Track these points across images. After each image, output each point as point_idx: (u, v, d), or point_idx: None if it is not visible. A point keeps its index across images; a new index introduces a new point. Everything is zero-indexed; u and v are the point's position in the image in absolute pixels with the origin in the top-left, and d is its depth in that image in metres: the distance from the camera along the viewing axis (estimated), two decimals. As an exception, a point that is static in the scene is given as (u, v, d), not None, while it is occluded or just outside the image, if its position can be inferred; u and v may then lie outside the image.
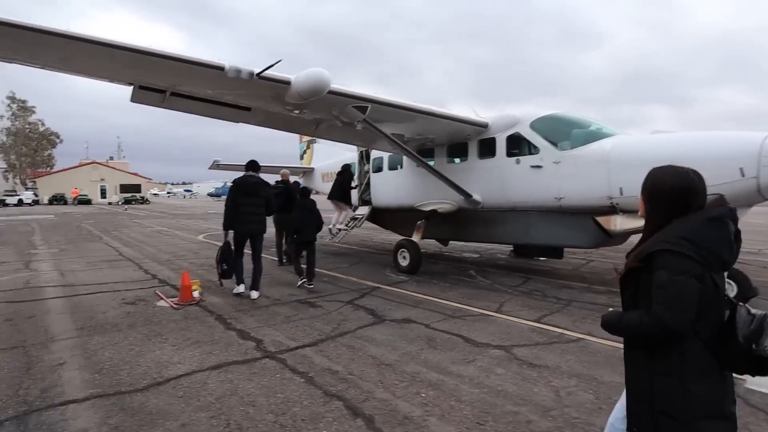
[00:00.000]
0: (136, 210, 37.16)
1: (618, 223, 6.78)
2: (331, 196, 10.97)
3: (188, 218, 25.90)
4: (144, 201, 56.01)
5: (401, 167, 10.07)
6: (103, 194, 59.03)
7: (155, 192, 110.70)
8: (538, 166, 7.40)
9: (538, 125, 7.59)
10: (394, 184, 10.16)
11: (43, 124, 61.04)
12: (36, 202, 48.39)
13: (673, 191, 1.60)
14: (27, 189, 54.74)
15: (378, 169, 10.91)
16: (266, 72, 5.53)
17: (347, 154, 13.13)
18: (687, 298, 1.47)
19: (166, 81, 5.75)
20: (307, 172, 14.88)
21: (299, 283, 6.99)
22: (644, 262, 1.57)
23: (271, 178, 11.35)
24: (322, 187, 13.83)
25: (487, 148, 8.26)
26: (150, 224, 20.73)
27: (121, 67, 5.31)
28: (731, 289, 3.64)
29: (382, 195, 10.62)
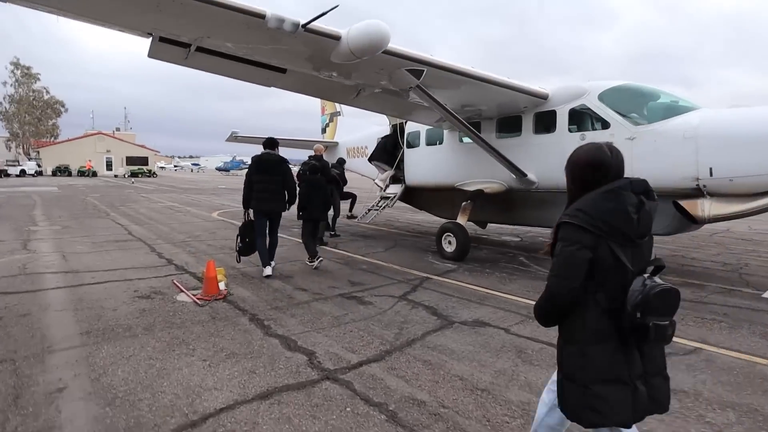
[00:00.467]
0: (143, 183, 36.37)
1: (707, 208, 5.81)
2: (373, 158, 10.01)
3: (199, 193, 25.06)
4: (151, 174, 55.16)
5: (440, 143, 9.03)
6: (109, 166, 58.16)
7: (162, 165, 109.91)
8: (612, 143, 6.35)
9: (608, 97, 6.50)
10: (432, 161, 9.14)
11: (47, 92, 59.69)
12: (39, 173, 47.66)
13: (585, 165, 1.68)
14: (30, 159, 53.90)
15: (412, 144, 9.87)
16: (314, 23, 4.47)
17: (374, 128, 12.07)
18: (572, 267, 1.57)
19: (191, 31, 4.69)
20: (331, 146, 13.81)
21: (315, 264, 6.57)
22: (556, 235, 1.65)
23: (291, 153, 10.23)
24: (348, 163, 12.82)
25: (546, 123, 7.20)
26: (159, 199, 19.90)
27: (140, 11, 4.25)
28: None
29: (417, 173, 9.61)
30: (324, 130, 15.48)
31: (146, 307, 4.65)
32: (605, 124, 6.42)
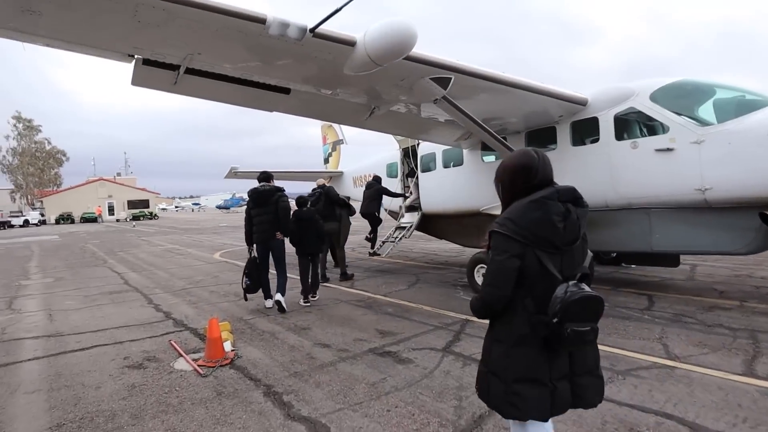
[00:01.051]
0: (145, 226, 35.77)
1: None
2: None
3: (200, 233, 24.31)
4: (153, 216, 54.83)
5: (460, 164, 8.29)
6: (111, 211, 57.92)
7: (163, 207, 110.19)
8: (668, 149, 5.56)
9: (662, 96, 5.76)
10: (452, 185, 8.37)
11: (49, 143, 60.36)
12: (43, 222, 47.28)
13: (513, 170, 1.75)
14: (34, 209, 53.72)
15: (427, 168, 9.14)
16: (324, 27, 3.79)
17: (381, 153, 11.40)
18: (502, 275, 1.63)
19: (179, 47, 4.01)
20: (335, 176, 13.15)
21: (303, 303, 6.35)
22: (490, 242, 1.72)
23: (296, 187, 9.51)
24: (354, 193, 12.07)
25: (587, 131, 6.46)
26: (160, 242, 19.13)
27: (117, 24, 3.58)
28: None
29: (434, 198, 8.83)
30: (327, 161, 14.89)
31: (137, 382, 3.73)
32: (661, 128, 5.66)
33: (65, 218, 48.98)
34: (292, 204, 6.58)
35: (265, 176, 6.27)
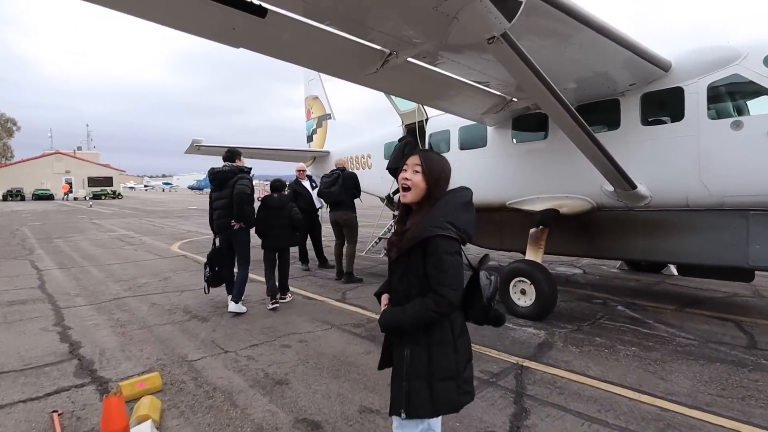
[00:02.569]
0: (104, 206, 32.63)
1: None
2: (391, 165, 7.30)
3: (164, 216, 21.85)
4: (116, 195, 50.99)
5: (482, 145, 6.59)
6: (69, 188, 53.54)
7: (131, 185, 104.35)
8: (791, 132, 4.03)
9: (783, 59, 4.21)
10: (470, 171, 6.66)
11: (-4, 111, 54.89)
12: (-13, 199, 43.01)
13: (449, 174, 1.85)
14: (-23, 184, 48.84)
15: (437, 149, 7.39)
16: None
17: (378, 131, 9.56)
18: (460, 276, 1.70)
19: None
20: (320, 157, 11.22)
21: (270, 306, 5.48)
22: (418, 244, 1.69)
23: (272, 167, 7.64)
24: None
25: (665, 106, 4.86)
26: (113, 226, 16.71)
27: None
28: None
29: (445, 187, 7.11)
30: (311, 138, 12.87)
31: None
32: (781, 104, 4.11)
33: (13, 194, 44.65)
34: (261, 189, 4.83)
35: (229, 155, 5.43)
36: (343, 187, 6.82)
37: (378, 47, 3.91)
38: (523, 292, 4.97)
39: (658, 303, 5.58)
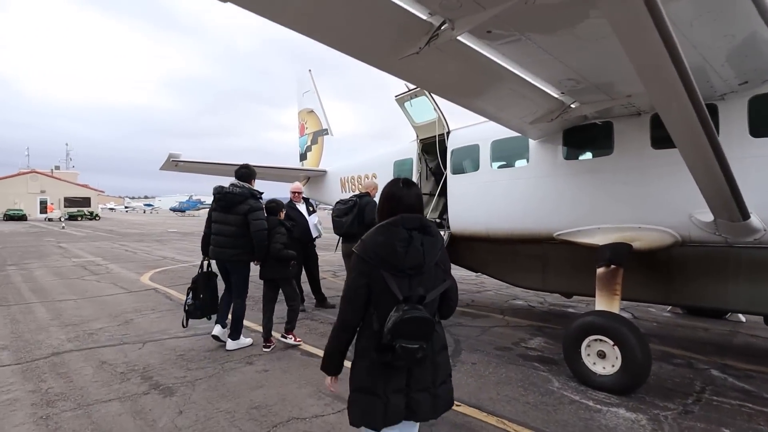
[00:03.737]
0: (77, 228, 30.57)
1: None
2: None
3: (139, 240, 20.14)
4: (93, 217, 48.59)
5: (524, 162, 5.49)
6: (44, 208, 50.93)
7: (111, 207, 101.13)
8: None
9: None
10: (506, 194, 5.54)
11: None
12: (-46, 219, 40.29)
13: (383, 198, 1.90)
14: (-55, 203, 45.99)
15: (460, 168, 6.29)
16: None
17: (387, 148, 8.43)
18: (351, 292, 1.76)
19: None
20: (315, 176, 10.02)
21: (263, 347, 4.70)
22: None
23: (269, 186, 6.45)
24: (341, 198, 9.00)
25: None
26: (80, 251, 15.02)
27: None
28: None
29: (473, 213, 5.95)
30: (304, 156, 11.70)
31: None
32: None
33: (-17, 215, 42.07)
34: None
35: (245, 172, 4.78)
36: (357, 218, 5.64)
37: (425, 16, 2.78)
38: (601, 355, 3.73)
39: (759, 365, 4.40)
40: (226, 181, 4.84)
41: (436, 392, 1.80)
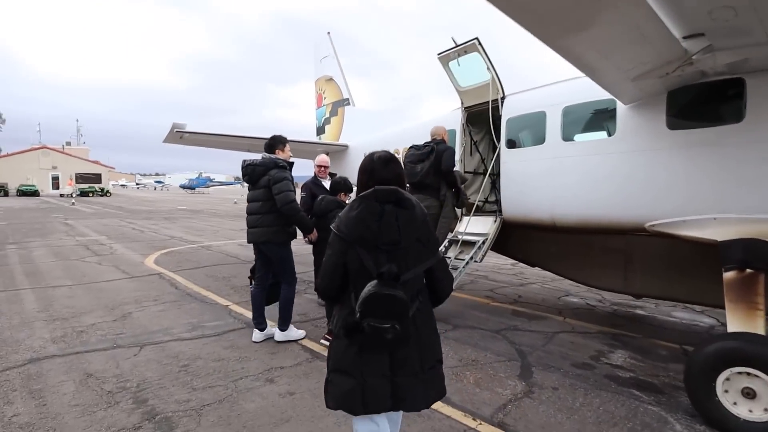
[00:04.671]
0: (87, 204, 30.17)
1: None
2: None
3: (147, 217, 19.48)
4: (105, 193, 48.44)
5: (610, 134, 4.41)
6: (56, 184, 50.86)
7: (123, 183, 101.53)
8: None
9: None
10: (587, 173, 4.49)
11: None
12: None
13: (359, 171, 1.85)
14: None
15: (517, 141, 5.24)
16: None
17: (424, 117, 7.36)
18: (326, 268, 1.72)
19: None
20: (335, 152, 8.99)
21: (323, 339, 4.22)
22: None
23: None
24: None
25: None
26: (86, 228, 14.35)
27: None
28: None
29: (535, 197, 4.92)
30: (322, 130, 10.64)
31: None
32: None
33: (-4, 189, 42.06)
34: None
35: (270, 142, 4.30)
36: (434, 166, 4.86)
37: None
38: (748, 394, 2.74)
39: None
40: (235, 157, 4.05)
41: (426, 377, 1.70)
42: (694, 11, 2.70)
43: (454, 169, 4.99)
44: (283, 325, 4.21)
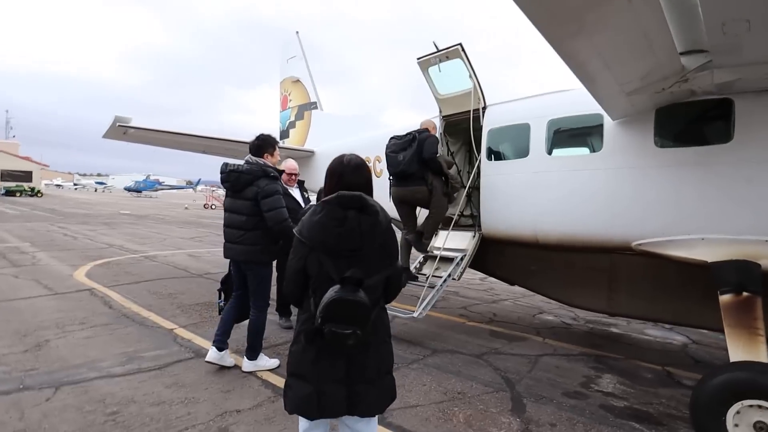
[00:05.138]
0: (13, 206, 27.07)
1: None
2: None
3: (83, 222, 17.63)
4: (35, 193, 44.05)
5: (596, 149, 4.25)
6: (-24, 182, 45.50)
7: (58, 183, 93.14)
8: None
9: None
10: (573, 189, 4.29)
11: None
12: None
13: (326, 173, 1.79)
14: None
15: (497, 153, 5.01)
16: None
17: (385, 128, 7.01)
18: (290, 274, 1.71)
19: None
20: (300, 158, 8.40)
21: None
22: None
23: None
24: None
25: None
26: (6, 234, 12.60)
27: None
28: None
29: (517, 211, 4.68)
30: (286, 134, 10.02)
31: None
32: None
33: None
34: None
35: (258, 144, 3.75)
36: (416, 154, 4.66)
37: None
38: (761, 429, 2.54)
39: None
40: (188, 160, 3.44)
41: (381, 384, 1.70)
42: (707, 22, 2.52)
43: (437, 155, 4.74)
44: (252, 354, 3.69)
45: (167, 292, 6.41)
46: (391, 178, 5.11)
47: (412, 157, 4.67)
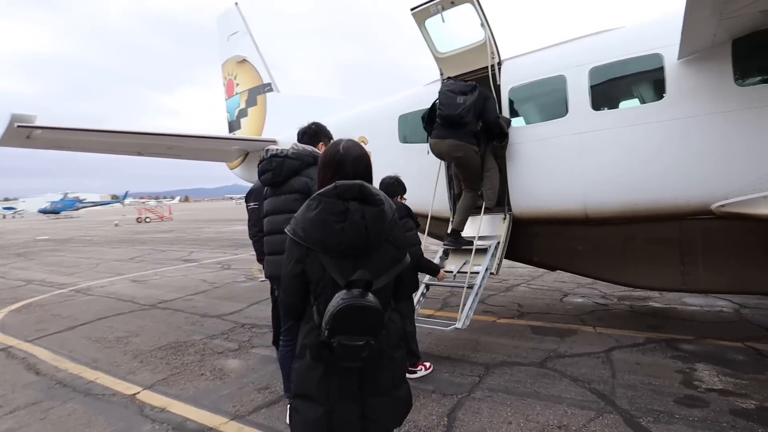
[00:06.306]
0: None
1: None
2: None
3: (-11, 257, 14.65)
4: None
5: (656, 97, 3.54)
6: None
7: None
8: None
9: None
10: (630, 149, 3.57)
11: None
12: None
13: (321, 163, 1.58)
14: None
15: (524, 116, 4.18)
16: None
17: (371, 103, 5.97)
18: (288, 282, 1.47)
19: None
20: (262, 149, 7.10)
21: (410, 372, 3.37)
22: None
23: (168, 180, 5.12)
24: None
25: None
26: None
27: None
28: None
29: (559, 183, 3.91)
30: (237, 125, 8.56)
31: None
32: None
33: None
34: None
35: (314, 131, 3.04)
36: (476, 105, 3.92)
37: None
38: None
39: None
40: (112, 172, 2.16)
41: (398, 394, 1.50)
42: None
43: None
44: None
45: (115, 336, 4.96)
46: (426, 126, 4.26)
47: (472, 105, 3.90)
